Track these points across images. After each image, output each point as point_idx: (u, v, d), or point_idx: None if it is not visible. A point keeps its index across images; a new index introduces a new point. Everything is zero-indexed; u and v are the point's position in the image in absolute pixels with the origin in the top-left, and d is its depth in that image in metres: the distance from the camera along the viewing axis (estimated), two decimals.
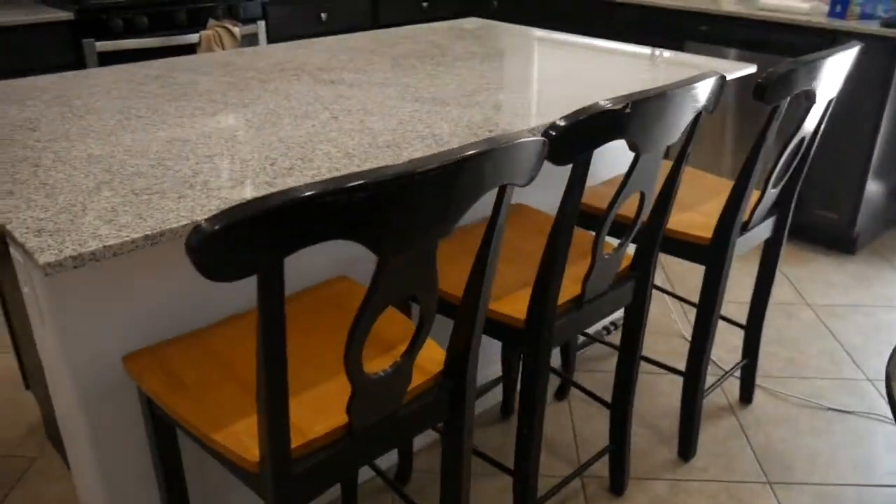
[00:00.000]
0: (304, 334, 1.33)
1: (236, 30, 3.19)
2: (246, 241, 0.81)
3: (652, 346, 2.54)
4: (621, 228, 1.80)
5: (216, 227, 0.78)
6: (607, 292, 1.58)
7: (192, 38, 3.11)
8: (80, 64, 2.88)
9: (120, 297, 1.32)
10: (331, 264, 1.60)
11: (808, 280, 2.96)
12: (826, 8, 3.04)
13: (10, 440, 2.04)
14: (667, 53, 2.26)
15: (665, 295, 2.82)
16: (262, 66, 2.04)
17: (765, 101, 1.52)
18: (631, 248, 1.66)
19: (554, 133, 1.18)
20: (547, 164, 1.19)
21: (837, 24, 2.84)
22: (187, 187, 1.22)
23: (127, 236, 1.05)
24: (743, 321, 2.43)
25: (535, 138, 1.07)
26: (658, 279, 2.97)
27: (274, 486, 1.06)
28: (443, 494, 1.40)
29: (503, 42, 2.39)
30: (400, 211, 0.91)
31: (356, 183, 0.83)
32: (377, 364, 1.25)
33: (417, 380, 1.23)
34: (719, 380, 2.11)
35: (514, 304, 1.48)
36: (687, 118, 1.40)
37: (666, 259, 3.14)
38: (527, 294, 1.49)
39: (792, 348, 2.52)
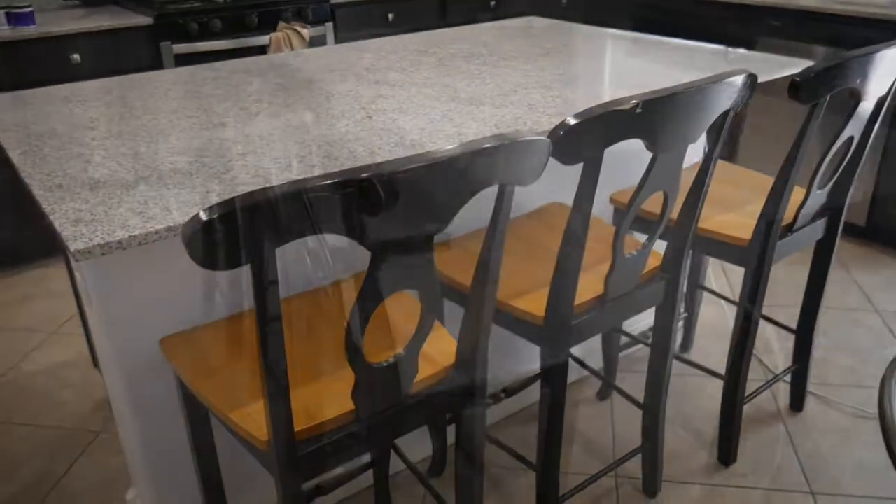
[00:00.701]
0: (329, 323, 1.40)
1: (305, 31, 3.31)
2: (234, 233, 0.88)
3: (705, 348, 2.49)
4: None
5: (206, 219, 0.85)
6: (634, 292, 1.58)
7: (263, 40, 3.25)
8: (158, 65, 3.07)
9: (159, 284, 1.42)
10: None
11: (877, 285, 2.82)
12: None
13: (79, 414, 2.21)
14: (741, 51, 2.21)
15: (721, 298, 2.75)
16: (314, 68, 2.13)
17: (800, 101, 1.49)
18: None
19: (562, 132, 1.19)
20: None
21: None
22: (216, 183, 1.30)
23: (151, 227, 1.13)
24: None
25: (532, 138, 1.09)
26: (716, 283, 2.90)
27: (279, 465, 1.12)
28: (457, 485, 1.44)
29: (556, 41, 2.40)
30: (381, 209, 0.95)
31: (333, 181, 0.88)
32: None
33: (426, 371, 1.27)
34: (765, 385, 2.05)
35: (535, 300, 1.50)
36: (709, 118, 1.38)
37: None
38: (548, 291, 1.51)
39: (853, 356, 2.42)
